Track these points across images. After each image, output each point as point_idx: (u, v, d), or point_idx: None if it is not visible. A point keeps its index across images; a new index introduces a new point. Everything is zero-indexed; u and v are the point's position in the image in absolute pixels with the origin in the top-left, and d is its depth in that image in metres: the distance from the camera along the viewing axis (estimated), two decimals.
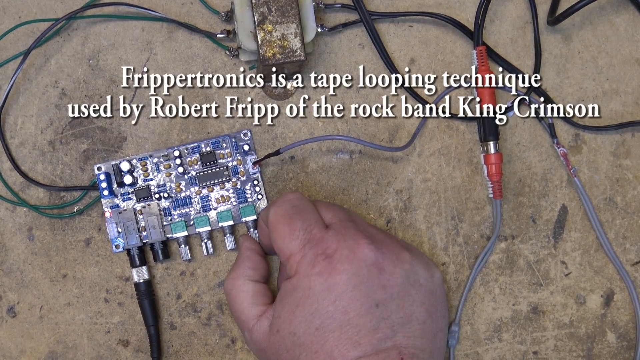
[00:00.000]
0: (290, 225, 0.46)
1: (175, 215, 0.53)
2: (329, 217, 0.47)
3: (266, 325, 0.46)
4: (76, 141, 0.54)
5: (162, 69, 0.54)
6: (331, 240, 0.45)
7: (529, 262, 0.55)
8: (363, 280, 0.44)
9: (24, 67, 0.54)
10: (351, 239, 0.45)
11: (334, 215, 0.47)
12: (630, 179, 0.56)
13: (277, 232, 0.46)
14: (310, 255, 0.45)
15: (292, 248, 0.45)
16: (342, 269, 0.44)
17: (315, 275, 0.44)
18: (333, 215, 0.47)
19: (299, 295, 0.44)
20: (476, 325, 0.55)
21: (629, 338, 0.55)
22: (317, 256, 0.45)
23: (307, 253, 0.45)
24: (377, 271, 0.45)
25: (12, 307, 0.53)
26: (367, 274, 0.44)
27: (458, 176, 0.55)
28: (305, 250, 0.45)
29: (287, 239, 0.46)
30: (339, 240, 0.45)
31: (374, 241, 0.46)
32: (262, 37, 0.50)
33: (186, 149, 0.53)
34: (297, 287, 0.45)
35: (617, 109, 0.57)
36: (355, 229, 0.46)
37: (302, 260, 0.45)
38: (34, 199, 0.53)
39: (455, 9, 0.57)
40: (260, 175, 0.53)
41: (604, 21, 0.57)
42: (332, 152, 0.55)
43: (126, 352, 0.53)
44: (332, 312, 0.43)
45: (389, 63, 0.55)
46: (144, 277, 0.52)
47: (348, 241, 0.45)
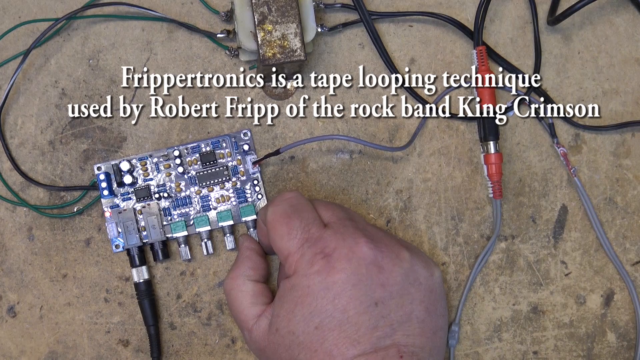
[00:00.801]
0: (288, 224, 0.46)
1: (175, 215, 0.53)
2: (328, 216, 0.47)
3: (265, 324, 0.46)
4: (76, 141, 0.54)
5: (162, 69, 0.54)
6: (330, 239, 0.45)
7: (529, 262, 0.55)
8: (362, 278, 0.44)
9: (24, 67, 0.54)
10: (350, 237, 0.45)
11: (333, 214, 0.47)
12: (630, 179, 0.56)
13: (276, 231, 0.46)
14: (308, 255, 0.45)
15: (291, 247, 0.45)
16: (341, 268, 0.44)
17: (313, 274, 0.44)
18: (332, 214, 0.47)
19: (298, 294, 0.44)
20: (476, 325, 0.55)
21: (629, 338, 0.55)
22: (315, 255, 0.44)
23: (306, 252, 0.45)
24: (376, 270, 0.45)
25: (12, 307, 0.53)
26: (366, 273, 0.44)
27: (458, 176, 0.55)
28: (304, 250, 0.45)
29: (285, 239, 0.46)
30: (337, 239, 0.45)
31: (373, 240, 0.45)
32: (262, 37, 0.50)
33: (186, 148, 0.53)
34: (296, 286, 0.45)
35: (617, 109, 0.57)
36: (354, 227, 0.46)
37: (300, 260, 0.45)
38: (34, 199, 0.53)
39: (455, 9, 0.57)
40: (260, 175, 0.53)
41: (604, 21, 0.57)
42: (332, 152, 0.55)
43: (126, 352, 0.53)
44: (331, 311, 0.43)
45: (389, 63, 0.55)
46: (143, 277, 0.52)
47: (347, 240, 0.45)
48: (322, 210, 0.48)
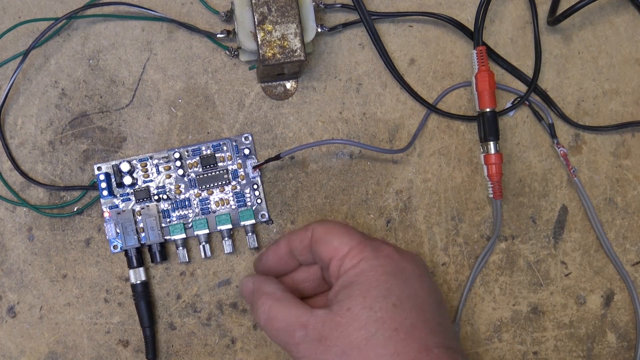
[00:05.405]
0: (345, 227, 0.46)
1: (174, 217, 0.53)
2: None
3: (324, 312, 0.44)
4: (76, 141, 0.54)
5: (162, 69, 0.54)
6: (385, 244, 0.46)
7: (529, 262, 0.55)
8: (423, 275, 0.46)
9: (23, 67, 0.54)
10: (398, 247, 0.47)
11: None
12: (630, 179, 0.56)
13: (333, 233, 0.46)
14: (374, 244, 0.45)
15: (352, 242, 0.45)
16: (406, 259, 0.45)
17: (385, 256, 0.45)
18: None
19: (371, 275, 0.44)
20: (476, 326, 0.55)
21: (629, 338, 0.55)
22: (381, 244, 0.46)
23: (371, 242, 0.45)
24: (429, 274, 0.48)
25: (12, 307, 0.53)
26: (425, 272, 0.46)
27: (458, 176, 0.55)
28: (368, 241, 0.45)
29: (345, 236, 0.46)
30: (390, 246, 0.46)
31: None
32: (262, 37, 0.50)
33: (186, 151, 0.53)
34: (368, 269, 0.44)
35: (617, 109, 0.57)
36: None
37: (365, 248, 0.45)
38: (34, 198, 0.53)
39: (455, 9, 0.56)
40: (260, 179, 0.53)
41: (604, 21, 0.57)
42: (332, 153, 0.55)
43: (126, 352, 0.53)
44: (407, 292, 0.44)
45: (389, 63, 0.55)
46: (141, 278, 0.52)
47: (398, 248, 0.47)
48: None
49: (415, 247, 0.55)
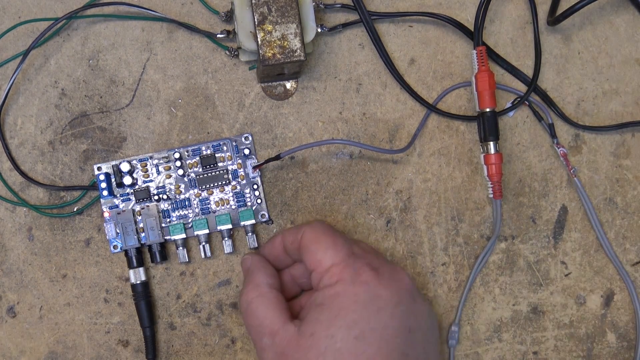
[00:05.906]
0: (333, 238, 0.46)
1: (174, 217, 0.53)
2: (362, 245, 0.49)
3: (293, 329, 0.45)
4: (76, 141, 0.54)
5: (162, 69, 0.54)
6: (372, 259, 0.46)
7: (529, 262, 0.55)
8: (402, 301, 0.45)
9: (23, 67, 0.53)
10: (390, 263, 0.47)
11: (365, 245, 0.49)
12: (630, 179, 0.56)
13: (319, 243, 0.46)
14: (356, 265, 0.45)
15: (335, 258, 0.45)
16: (386, 285, 0.44)
17: (361, 283, 0.44)
18: (364, 245, 0.49)
19: (342, 300, 0.44)
20: (476, 326, 0.55)
21: (629, 338, 0.55)
22: (363, 266, 0.45)
23: (353, 263, 0.45)
24: (411, 299, 0.46)
25: (12, 307, 0.53)
26: (405, 298, 0.45)
27: (458, 176, 0.55)
28: (350, 261, 0.45)
29: (330, 250, 0.45)
30: (379, 260, 0.46)
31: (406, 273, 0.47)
32: (262, 37, 0.50)
33: (186, 151, 0.53)
34: (340, 294, 0.44)
35: (617, 109, 0.57)
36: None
37: (346, 269, 0.45)
38: (33, 199, 0.53)
39: (455, 9, 0.56)
40: (260, 180, 0.53)
41: (604, 21, 0.57)
42: (332, 153, 0.55)
43: (126, 352, 0.53)
44: (373, 324, 0.43)
45: (389, 63, 0.55)
46: (140, 278, 0.52)
47: (388, 264, 0.46)
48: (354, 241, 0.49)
49: (415, 247, 0.55)
